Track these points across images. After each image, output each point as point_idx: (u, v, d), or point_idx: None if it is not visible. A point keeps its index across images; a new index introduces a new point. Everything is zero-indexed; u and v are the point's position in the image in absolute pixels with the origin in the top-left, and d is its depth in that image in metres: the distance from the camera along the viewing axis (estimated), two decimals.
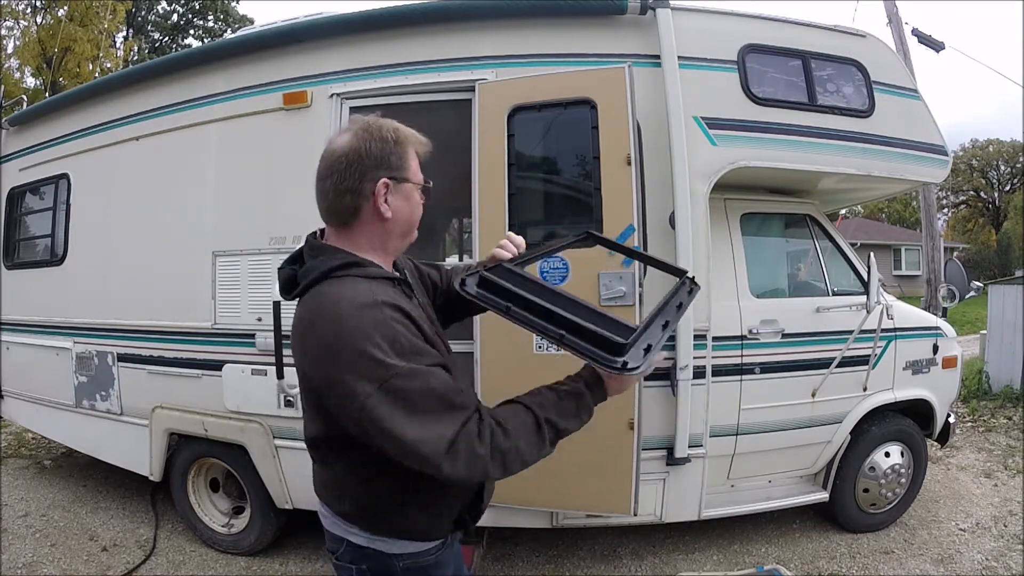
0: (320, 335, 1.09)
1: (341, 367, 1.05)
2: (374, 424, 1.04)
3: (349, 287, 1.13)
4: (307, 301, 1.16)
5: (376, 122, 1.25)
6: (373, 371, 1.03)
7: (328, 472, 1.29)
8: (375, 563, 1.28)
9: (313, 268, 1.18)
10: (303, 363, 1.16)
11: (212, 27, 25.71)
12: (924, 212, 9.79)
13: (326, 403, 1.13)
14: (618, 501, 2.51)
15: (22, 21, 17.65)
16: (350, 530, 1.28)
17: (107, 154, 3.50)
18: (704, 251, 2.67)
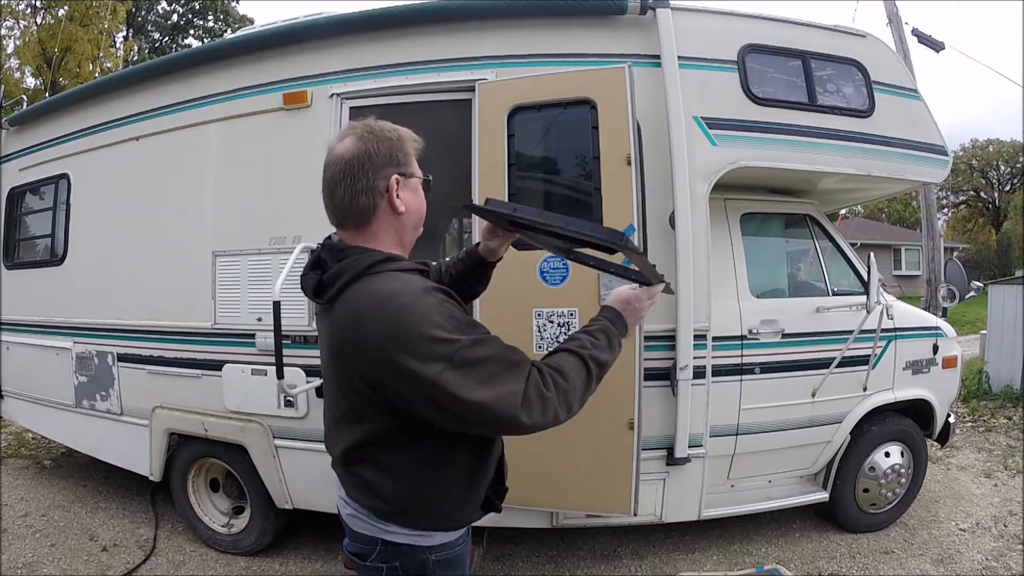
0: (380, 329, 1.12)
1: (409, 354, 1.09)
2: (451, 397, 1.08)
3: (392, 280, 1.18)
4: (351, 300, 1.18)
5: (375, 124, 1.30)
6: (441, 349, 1.09)
7: (370, 472, 1.29)
8: (409, 559, 1.31)
9: (347, 268, 1.21)
10: (358, 362, 1.17)
11: (212, 27, 25.72)
12: (924, 212, 9.80)
13: (389, 395, 1.15)
14: (618, 501, 2.51)
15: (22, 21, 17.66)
16: (387, 529, 1.30)
17: (107, 154, 3.50)
18: (704, 251, 2.67)
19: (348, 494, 1.35)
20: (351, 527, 1.37)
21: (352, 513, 1.36)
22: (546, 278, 2.53)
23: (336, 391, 1.31)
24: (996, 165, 39.34)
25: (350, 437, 1.28)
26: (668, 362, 2.68)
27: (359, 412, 1.24)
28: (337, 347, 1.23)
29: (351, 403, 1.25)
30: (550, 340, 2.52)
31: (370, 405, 1.21)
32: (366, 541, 1.33)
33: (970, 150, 39.32)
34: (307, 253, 2.85)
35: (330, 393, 1.38)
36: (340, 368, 1.25)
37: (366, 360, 1.15)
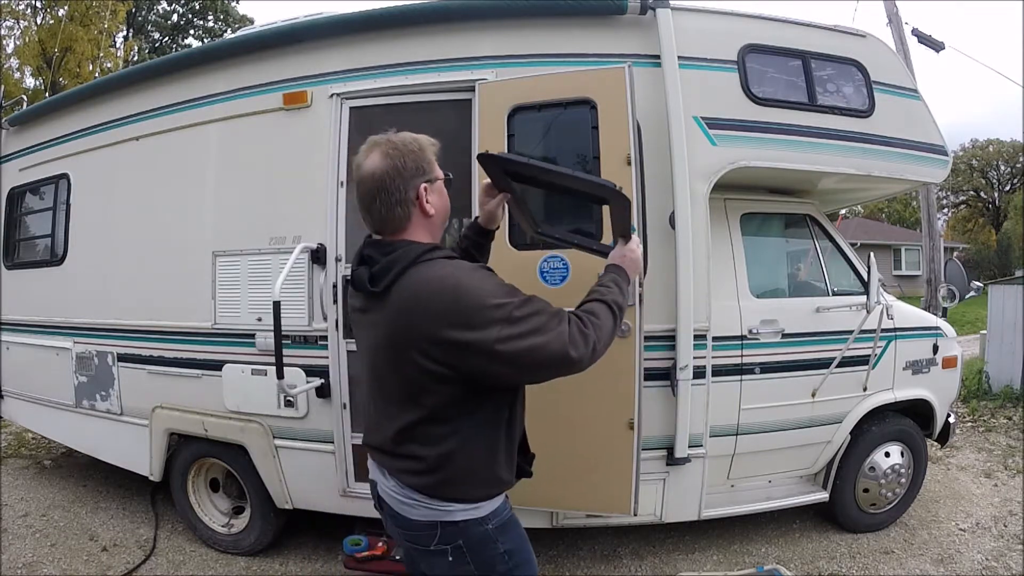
0: (444, 307, 1.28)
1: (473, 324, 1.26)
2: (512, 350, 1.26)
3: (442, 265, 1.35)
4: (409, 286, 1.32)
5: (396, 138, 1.42)
6: (499, 313, 1.27)
7: (427, 447, 1.38)
8: (470, 533, 1.42)
9: (399, 259, 1.34)
10: (424, 339, 1.29)
11: (212, 27, 25.73)
12: (924, 212, 9.80)
13: (456, 364, 1.29)
14: (618, 501, 2.51)
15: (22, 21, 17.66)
16: (445, 508, 1.40)
17: (107, 154, 3.50)
18: (704, 251, 2.67)
19: (401, 481, 1.42)
20: (405, 516, 1.43)
21: (404, 500, 1.42)
22: (546, 278, 2.52)
23: (389, 375, 1.41)
24: (996, 165, 39.34)
25: (406, 418, 1.38)
26: (668, 362, 2.68)
27: (419, 390, 1.35)
28: (397, 330, 1.34)
29: (410, 383, 1.35)
30: None
31: (433, 379, 1.32)
32: (423, 527, 1.41)
33: (970, 150, 39.33)
34: (307, 253, 2.88)
35: (379, 379, 1.46)
36: (399, 350, 1.34)
37: (434, 336, 1.28)
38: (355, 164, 1.42)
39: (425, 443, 1.38)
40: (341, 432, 2.84)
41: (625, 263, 1.64)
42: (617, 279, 1.58)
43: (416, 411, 1.37)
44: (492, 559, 1.46)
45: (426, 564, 1.48)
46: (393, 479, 1.45)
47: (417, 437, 1.39)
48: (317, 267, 2.83)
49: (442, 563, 1.43)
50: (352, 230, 2.88)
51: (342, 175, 2.83)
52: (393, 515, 1.48)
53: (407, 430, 1.39)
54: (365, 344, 1.50)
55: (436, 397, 1.35)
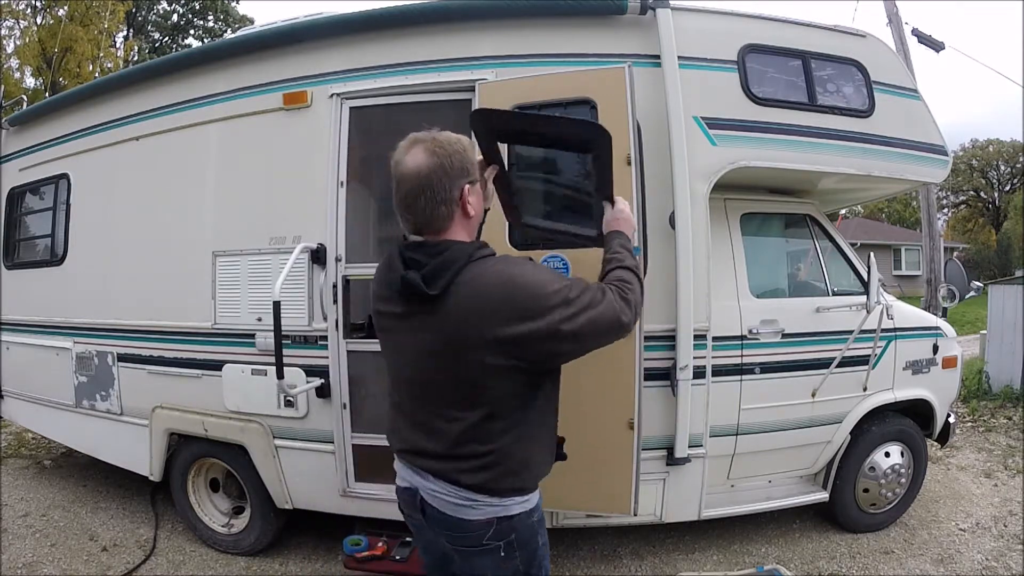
0: (507, 303, 1.33)
1: (537, 313, 1.32)
2: (575, 326, 1.34)
3: (495, 261, 1.40)
4: (468, 284, 1.34)
5: (441, 136, 1.41)
6: (558, 297, 1.34)
7: (490, 448, 1.40)
8: (521, 528, 1.46)
9: (452, 259, 1.36)
10: (491, 335, 1.32)
11: (212, 27, 25.73)
12: (924, 212, 9.80)
13: (525, 354, 1.34)
14: (618, 501, 2.51)
15: (22, 21, 17.66)
16: (504, 503, 1.43)
17: (107, 154, 3.50)
18: (704, 251, 2.67)
19: (460, 483, 1.42)
20: (459, 517, 1.43)
21: (461, 502, 1.43)
22: None
23: (444, 378, 1.40)
24: (996, 165, 39.35)
25: (468, 418, 1.39)
26: (668, 362, 2.67)
27: (480, 388, 1.37)
28: (459, 331, 1.34)
29: (470, 383, 1.38)
30: None
31: (498, 375, 1.36)
32: (479, 527, 1.43)
33: (970, 150, 39.34)
34: (307, 253, 2.88)
35: (426, 384, 1.45)
36: (459, 351, 1.35)
37: (502, 333, 1.31)
38: (394, 161, 1.39)
39: (487, 440, 1.40)
40: (341, 432, 2.84)
41: (620, 225, 1.69)
42: (624, 244, 1.64)
43: (477, 410, 1.38)
44: (535, 552, 1.51)
45: (469, 565, 1.48)
46: (444, 483, 1.43)
47: (479, 436, 1.40)
48: (317, 267, 2.83)
49: (491, 561, 1.45)
50: (352, 230, 2.88)
51: (342, 175, 2.83)
52: (440, 519, 1.46)
53: (469, 431, 1.39)
54: (406, 350, 1.46)
55: (497, 392, 1.38)
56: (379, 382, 2.99)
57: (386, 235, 3.70)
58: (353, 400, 2.86)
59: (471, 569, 1.48)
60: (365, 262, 3.12)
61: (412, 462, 1.52)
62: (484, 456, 1.40)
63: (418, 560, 2.80)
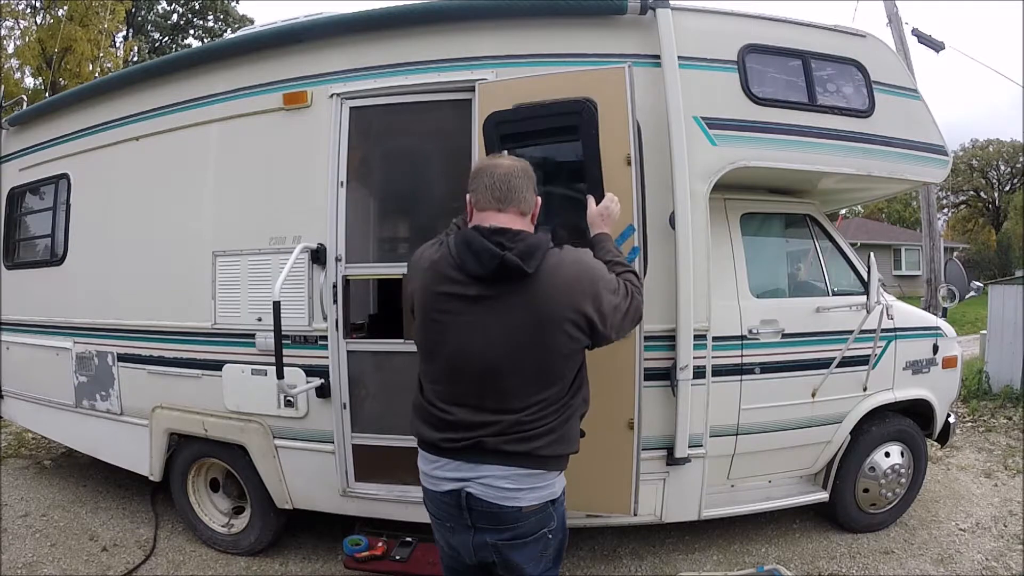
0: (585, 286, 1.54)
1: (601, 297, 1.55)
2: (621, 314, 1.60)
3: (567, 251, 1.60)
4: (555, 266, 1.53)
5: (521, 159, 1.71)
6: (610, 284, 1.60)
7: (556, 420, 1.54)
8: (558, 510, 1.59)
9: (538, 243, 1.53)
10: (577, 307, 1.50)
11: (212, 27, 25.70)
12: (924, 212, 9.79)
13: (592, 328, 1.53)
14: (618, 501, 2.51)
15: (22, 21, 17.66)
16: (555, 483, 1.58)
17: (107, 154, 3.50)
18: (704, 251, 2.67)
19: (522, 464, 1.51)
20: (513, 505, 1.50)
21: (515, 488, 1.50)
22: None
23: (530, 358, 1.51)
24: (996, 165, 39.33)
25: (545, 395, 1.52)
26: (668, 362, 2.67)
27: (561, 362, 1.53)
28: (548, 305, 1.50)
29: (553, 358, 1.52)
30: None
31: (572, 350, 1.54)
32: (532, 513, 1.52)
33: (970, 150, 39.30)
34: (307, 253, 2.88)
35: (511, 365, 1.52)
36: (547, 325, 1.49)
37: (581, 304, 1.51)
38: (487, 162, 1.70)
39: (557, 414, 1.54)
40: (341, 432, 2.84)
41: (608, 224, 1.88)
42: (613, 246, 1.84)
43: (554, 386, 1.53)
44: (565, 533, 1.65)
45: (516, 556, 1.54)
46: (504, 466, 1.51)
47: (550, 410, 1.53)
48: (317, 267, 2.83)
49: (537, 549, 1.55)
50: (352, 230, 2.88)
51: (342, 175, 2.83)
52: (491, 513, 1.51)
53: (538, 407, 1.52)
54: (487, 330, 1.51)
55: (569, 367, 1.56)
56: (379, 382, 3.00)
57: (386, 235, 3.70)
58: (353, 400, 2.86)
59: (519, 559, 1.53)
60: (365, 262, 3.13)
61: (463, 454, 1.54)
62: (553, 429, 1.53)
63: (420, 561, 2.81)
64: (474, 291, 1.51)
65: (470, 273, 1.50)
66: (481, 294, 1.50)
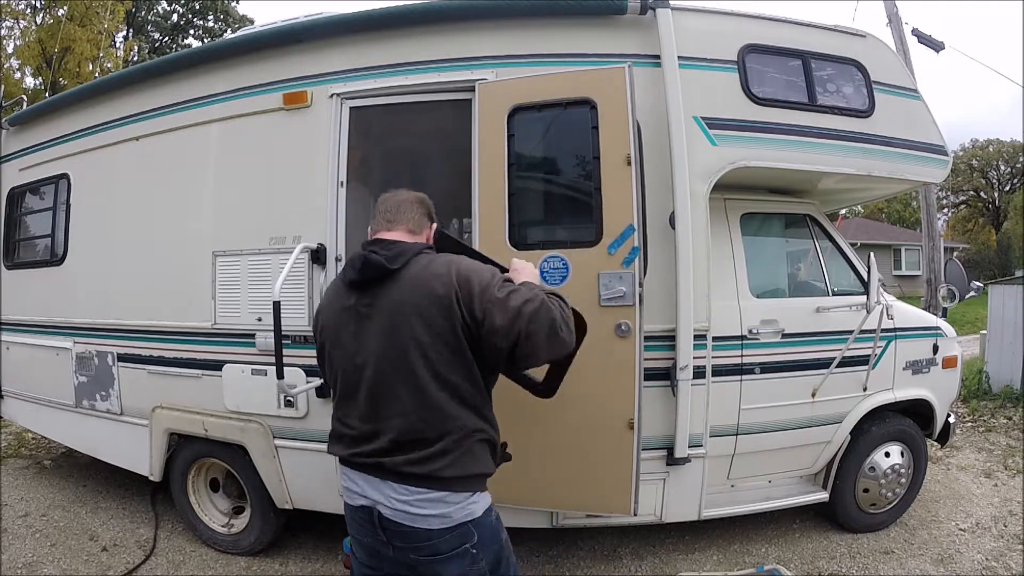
0: (457, 272, 1.51)
1: (471, 276, 1.51)
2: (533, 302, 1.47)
3: (435, 255, 1.61)
4: (423, 265, 1.54)
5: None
6: (499, 278, 1.53)
7: (448, 445, 1.49)
8: (483, 527, 1.54)
9: (407, 248, 1.57)
10: (432, 296, 1.48)
11: (212, 27, 25.70)
12: (924, 212, 9.79)
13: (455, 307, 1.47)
14: (618, 501, 2.51)
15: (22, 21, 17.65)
16: (470, 501, 1.52)
17: (107, 154, 3.50)
18: (704, 251, 2.67)
19: (424, 486, 1.47)
20: (422, 527, 1.47)
21: (422, 508, 1.47)
22: (546, 278, 2.53)
23: (400, 358, 1.50)
24: (996, 165, 39.32)
25: (426, 399, 1.48)
26: (668, 362, 2.68)
27: (434, 357, 1.48)
28: (412, 295, 1.50)
29: (422, 351, 1.48)
30: None
31: (468, 341, 1.48)
32: (448, 531, 1.48)
33: (970, 150, 39.30)
34: (307, 253, 2.88)
35: (389, 363, 1.52)
36: (406, 315, 1.49)
37: (449, 287, 1.48)
38: (390, 190, 1.75)
39: (452, 432, 1.50)
40: None
41: (526, 277, 1.65)
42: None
43: (437, 388, 1.48)
44: (500, 551, 1.58)
45: (440, 568, 1.51)
46: (406, 486, 1.48)
47: (441, 424, 1.50)
48: (317, 267, 2.83)
49: (462, 563, 1.50)
50: (352, 230, 2.88)
51: (342, 175, 2.83)
52: (403, 532, 1.50)
53: (432, 412, 1.49)
54: (369, 334, 1.54)
55: (455, 370, 1.50)
56: None
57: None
58: None
59: (445, 572, 1.51)
60: None
61: (369, 471, 1.54)
62: (446, 445, 1.49)
63: None
64: (353, 300, 1.57)
65: (350, 282, 1.58)
66: (359, 302, 1.56)
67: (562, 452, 2.52)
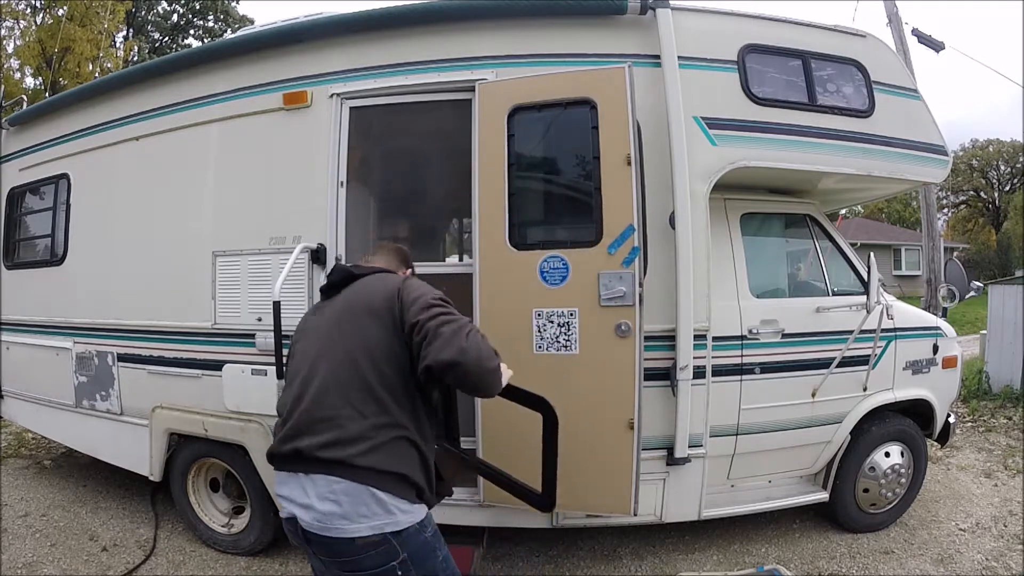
0: (411, 286, 1.63)
1: (409, 290, 1.61)
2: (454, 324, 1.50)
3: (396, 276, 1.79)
4: (381, 277, 1.72)
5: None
6: (433, 297, 1.59)
7: (370, 432, 1.49)
8: (412, 544, 1.47)
9: (375, 269, 1.78)
10: (376, 300, 1.61)
11: (212, 27, 25.69)
12: (924, 212, 9.78)
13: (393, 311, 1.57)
14: (618, 501, 2.51)
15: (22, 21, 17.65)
16: (396, 507, 1.46)
17: (107, 154, 3.50)
18: (704, 251, 2.67)
19: (336, 474, 1.44)
20: (346, 537, 1.42)
21: (342, 515, 1.42)
22: (546, 278, 2.53)
23: (340, 345, 1.58)
24: (996, 165, 39.30)
25: (359, 392, 1.51)
26: (668, 362, 2.67)
27: (376, 355, 1.54)
28: (359, 298, 1.66)
29: (380, 346, 1.55)
30: (550, 340, 2.52)
31: (400, 363, 1.54)
32: (371, 546, 1.41)
33: (970, 150, 39.29)
34: (307, 253, 2.89)
35: (328, 350, 1.60)
36: (354, 309, 1.63)
37: (392, 295, 1.59)
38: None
39: (381, 426, 1.50)
40: None
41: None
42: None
43: (371, 384, 1.52)
44: (435, 569, 1.52)
45: None
46: (320, 476, 1.46)
47: (372, 416, 1.51)
48: (317, 267, 2.83)
49: None
50: (352, 230, 2.88)
51: (342, 175, 2.83)
52: (326, 544, 1.45)
53: (364, 405, 1.51)
54: (319, 330, 1.67)
55: (392, 372, 1.55)
56: None
57: (386, 235, 3.70)
58: None
59: None
60: None
61: (287, 463, 1.53)
62: (367, 431, 1.48)
63: None
64: (321, 303, 1.78)
65: (322, 289, 1.79)
66: (323, 302, 1.77)
67: (562, 452, 2.51)
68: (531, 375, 2.55)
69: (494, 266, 2.60)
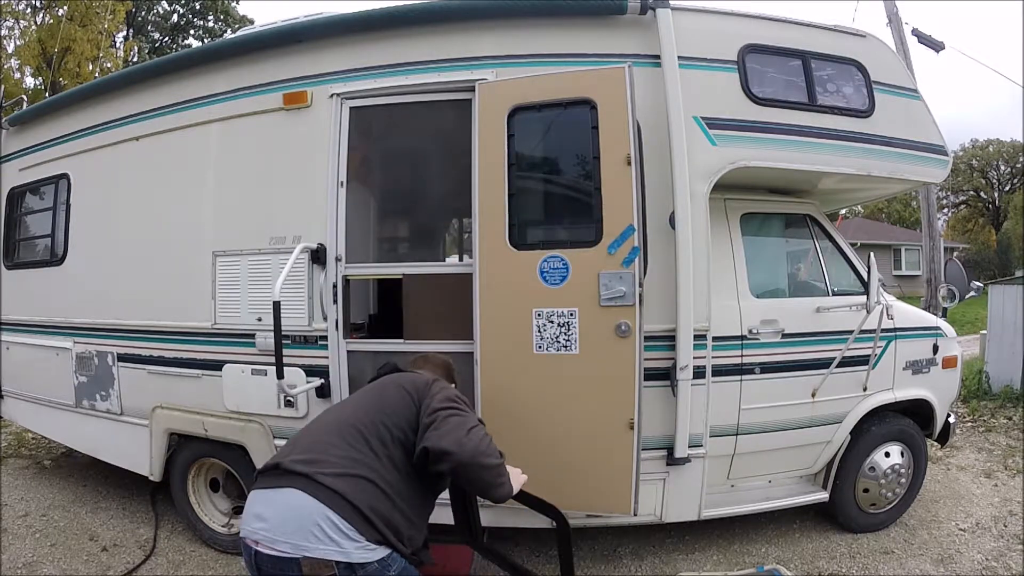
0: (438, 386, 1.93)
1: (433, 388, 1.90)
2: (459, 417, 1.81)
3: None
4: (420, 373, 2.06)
5: None
6: (451, 394, 1.88)
7: (346, 466, 1.63)
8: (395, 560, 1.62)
9: (418, 371, 2.12)
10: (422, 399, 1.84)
11: (212, 27, 25.68)
12: (924, 212, 9.79)
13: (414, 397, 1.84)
14: (618, 501, 2.51)
15: (22, 21, 17.64)
16: (351, 538, 1.56)
17: (107, 154, 3.50)
18: (704, 251, 2.67)
19: (298, 487, 1.56)
20: (294, 556, 1.53)
21: (291, 523, 1.53)
22: (546, 278, 2.53)
23: (365, 408, 1.87)
24: (996, 165, 39.32)
25: (360, 440, 1.73)
26: (668, 362, 2.68)
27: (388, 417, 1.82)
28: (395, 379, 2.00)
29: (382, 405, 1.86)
30: (550, 340, 2.52)
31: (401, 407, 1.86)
32: (315, 567, 1.60)
33: (970, 150, 39.30)
34: (307, 253, 2.89)
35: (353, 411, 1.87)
36: (386, 385, 1.96)
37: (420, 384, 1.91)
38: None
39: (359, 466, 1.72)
40: None
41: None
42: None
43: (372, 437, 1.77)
44: None
45: None
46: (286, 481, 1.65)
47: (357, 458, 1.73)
48: (317, 267, 2.83)
49: None
50: (352, 230, 2.88)
51: (342, 175, 2.83)
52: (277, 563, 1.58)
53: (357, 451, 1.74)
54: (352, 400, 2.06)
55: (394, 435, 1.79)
56: None
57: (386, 235, 3.70)
58: None
59: None
60: (365, 262, 3.13)
61: (267, 476, 1.66)
62: (343, 464, 1.62)
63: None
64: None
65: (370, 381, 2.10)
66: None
67: (562, 452, 2.52)
68: (531, 375, 2.56)
69: (494, 266, 2.60)
